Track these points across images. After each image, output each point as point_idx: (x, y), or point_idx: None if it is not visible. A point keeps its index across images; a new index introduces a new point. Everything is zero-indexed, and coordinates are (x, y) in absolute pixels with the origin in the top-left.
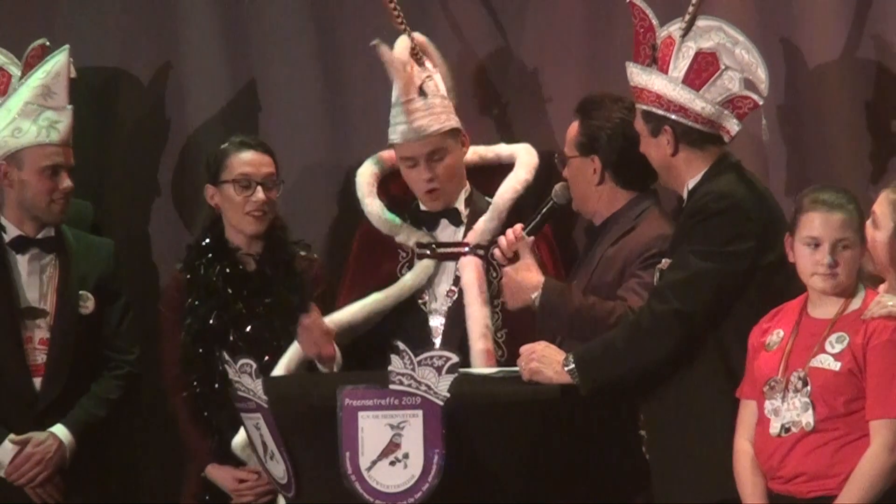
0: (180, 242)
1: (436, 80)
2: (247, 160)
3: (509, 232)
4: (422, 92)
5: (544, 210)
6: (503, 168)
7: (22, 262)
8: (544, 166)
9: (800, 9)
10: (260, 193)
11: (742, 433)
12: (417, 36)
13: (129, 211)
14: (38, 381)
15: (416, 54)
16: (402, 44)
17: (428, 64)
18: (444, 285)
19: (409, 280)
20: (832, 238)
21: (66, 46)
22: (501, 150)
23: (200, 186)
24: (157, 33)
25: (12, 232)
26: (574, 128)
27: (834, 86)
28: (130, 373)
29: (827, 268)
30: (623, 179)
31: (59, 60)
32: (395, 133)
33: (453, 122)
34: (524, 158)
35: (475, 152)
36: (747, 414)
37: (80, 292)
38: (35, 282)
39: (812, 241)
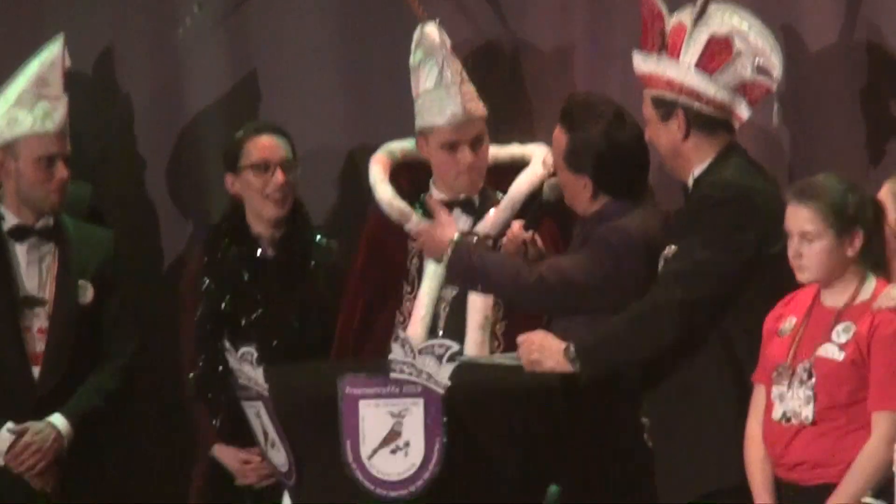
0: (179, 231)
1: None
2: (264, 144)
3: (509, 233)
4: (462, 77)
5: (536, 205)
6: (515, 168)
7: (21, 250)
8: None
9: None
10: (279, 176)
11: (754, 418)
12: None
13: (128, 199)
14: (36, 370)
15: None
16: (438, 30)
17: None
18: None
19: (431, 282)
20: (797, 231)
21: (61, 35)
22: (515, 150)
23: (199, 174)
24: (155, 19)
25: (11, 220)
26: (561, 138)
27: (832, 71)
28: (128, 364)
29: (795, 259)
30: (616, 192)
31: (53, 49)
32: (441, 116)
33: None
34: (540, 155)
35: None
36: (759, 399)
37: (79, 282)
38: (34, 271)
39: (788, 232)
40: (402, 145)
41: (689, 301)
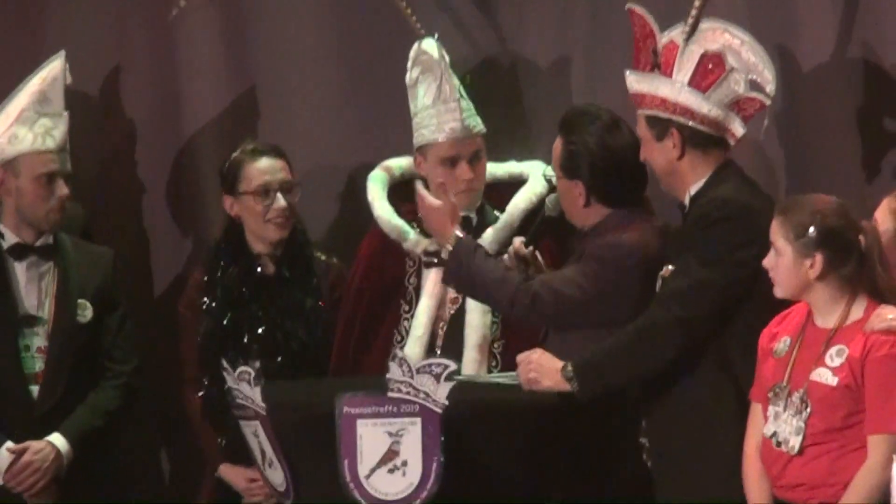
0: (178, 249)
1: None
2: (263, 168)
3: (510, 249)
4: (460, 93)
5: (538, 221)
6: (512, 186)
7: (20, 269)
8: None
9: (792, 13)
10: (281, 201)
11: (751, 437)
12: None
13: (126, 217)
14: (35, 389)
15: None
16: (437, 45)
17: None
18: (450, 292)
19: (429, 301)
20: (772, 242)
21: (62, 52)
22: (513, 168)
23: (198, 192)
24: (154, 36)
25: (10, 239)
26: (558, 146)
27: (827, 88)
28: (128, 383)
29: (769, 271)
30: (610, 199)
31: (55, 66)
32: (440, 131)
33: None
34: (538, 172)
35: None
36: (756, 417)
37: (79, 301)
38: (33, 289)
39: None
40: (399, 163)
41: (687, 319)
